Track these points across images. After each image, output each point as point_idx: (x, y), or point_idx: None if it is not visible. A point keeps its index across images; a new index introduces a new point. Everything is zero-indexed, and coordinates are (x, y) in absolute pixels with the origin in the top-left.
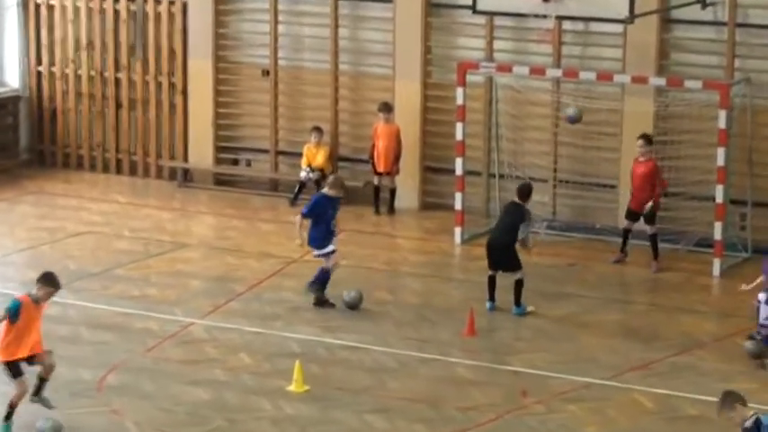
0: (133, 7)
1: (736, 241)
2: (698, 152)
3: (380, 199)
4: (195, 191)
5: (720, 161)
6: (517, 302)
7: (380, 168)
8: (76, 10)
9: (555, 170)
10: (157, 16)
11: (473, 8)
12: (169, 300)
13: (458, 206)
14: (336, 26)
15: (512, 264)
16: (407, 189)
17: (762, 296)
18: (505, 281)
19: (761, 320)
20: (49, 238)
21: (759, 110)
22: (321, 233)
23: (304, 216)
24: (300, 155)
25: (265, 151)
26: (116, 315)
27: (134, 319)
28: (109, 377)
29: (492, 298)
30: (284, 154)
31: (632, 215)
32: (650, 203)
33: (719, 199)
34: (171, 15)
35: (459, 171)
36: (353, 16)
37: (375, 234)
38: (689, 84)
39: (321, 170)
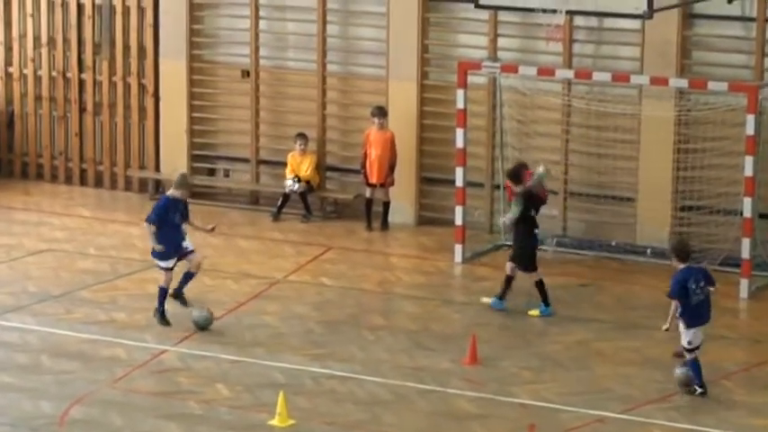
0: (99, 0)
1: (765, 260)
2: (723, 161)
3: (373, 213)
4: None
5: (748, 171)
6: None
7: (373, 179)
8: (36, 3)
9: (565, 181)
10: (126, 10)
11: (475, 2)
12: (139, 325)
13: (458, 221)
14: (324, 22)
15: None
16: (403, 202)
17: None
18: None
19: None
20: (6, 257)
21: None
22: (163, 240)
23: (150, 222)
24: (284, 164)
25: (245, 160)
26: (80, 342)
27: (100, 346)
28: (72, 410)
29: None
30: (266, 163)
31: None
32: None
33: (747, 213)
34: (141, 10)
35: (459, 182)
36: (343, 11)
37: (367, 252)
38: (713, 86)
39: (308, 182)
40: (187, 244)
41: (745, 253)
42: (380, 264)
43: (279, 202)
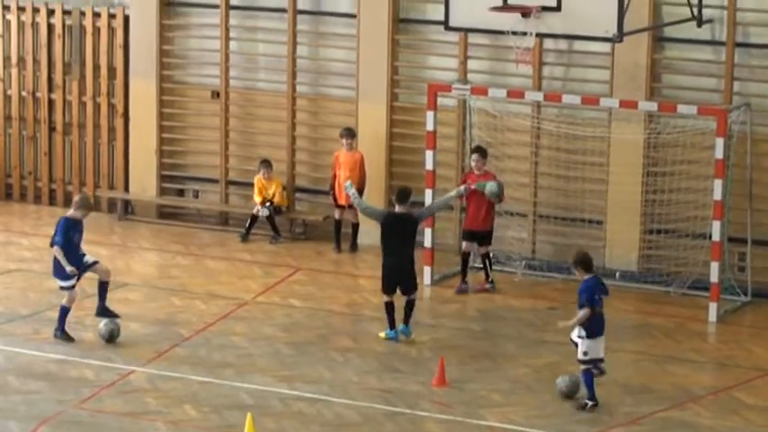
0: (69, 21)
1: (734, 284)
2: (692, 185)
3: (342, 234)
4: (137, 224)
5: (717, 195)
6: (407, 322)
7: (342, 201)
8: (6, 23)
9: (535, 204)
10: (96, 31)
11: (445, 24)
12: (106, 345)
13: (427, 243)
14: (294, 44)
15: (414, 283)
16: (371, 224)
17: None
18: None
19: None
20: None
21: (759, 138)
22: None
23: (59, 246)
24: (253, 185)
25: (214, 181)
26: (48, 362)
27: (68, 366)
28: (39, 431)
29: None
30: (235, 184)
31: (471, 235)
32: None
33: (716, 237)
34: (111, 30)
35: (428, 204)
36: (313, 33)
37: (336, 273)
38: (683, 109)
39: (277, 206)
40: (88, 258)
41: (714, 277)
42: (349, 285)
43: (247, 223)
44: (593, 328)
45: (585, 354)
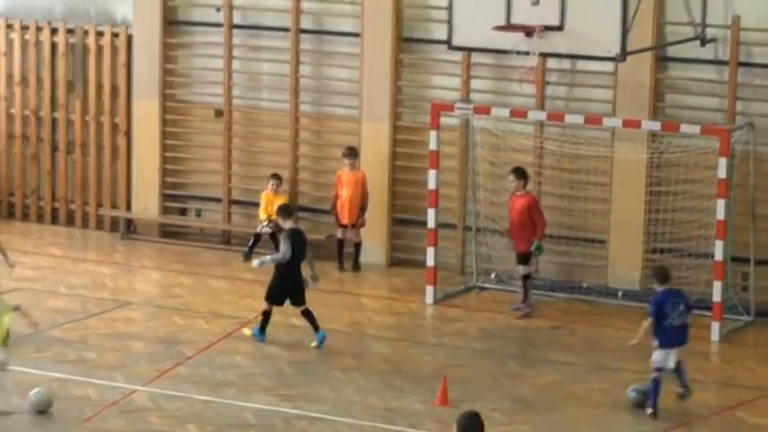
0: (72, 39)
1: (736, 303)
2: (695, 204)
3: (344, 254)
4: (139, 243)
5: (720, 214)
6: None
7: (344, 220)
8: (9, 42)
9: None
10: (99, 50)
11: (448, 43)
12: (109, 364)
13: (429, 262)
14: (297, 63)
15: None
16: (374, 243)
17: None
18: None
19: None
20: None
21: (762, 158)
22: None
23: None
24: (256, 204)
25: (217, 200)
26: (50, 381)
27: (70, 385)
28: None
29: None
30: (238, 203)
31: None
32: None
33: (719, 256)
34: (114, 49)
35: (431, 224)
36: (316, 52)
37: (338, 293)
38: (686, 128)
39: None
40: None
41: (717, 296)
42: (352, 304)
43: (250, 242)
44: (662, 339)
45: (654, 362)
